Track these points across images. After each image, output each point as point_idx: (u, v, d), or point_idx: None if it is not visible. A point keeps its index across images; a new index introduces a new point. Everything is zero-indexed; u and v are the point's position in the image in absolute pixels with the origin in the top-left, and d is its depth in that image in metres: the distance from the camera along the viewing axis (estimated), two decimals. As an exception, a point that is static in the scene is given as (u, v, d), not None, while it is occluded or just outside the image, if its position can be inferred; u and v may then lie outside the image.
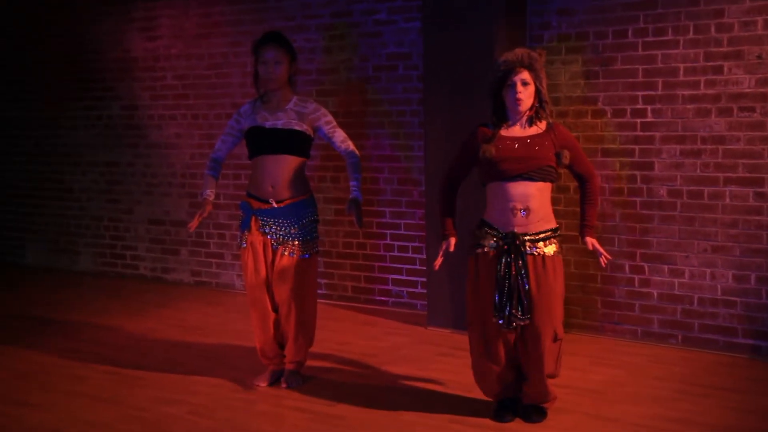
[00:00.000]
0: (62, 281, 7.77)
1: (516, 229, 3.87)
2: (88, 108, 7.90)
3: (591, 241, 4.01)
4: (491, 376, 4.02)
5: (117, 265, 7.91)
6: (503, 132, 3.91)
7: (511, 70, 3.82)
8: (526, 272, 3.84)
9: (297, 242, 4.49)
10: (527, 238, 3.87)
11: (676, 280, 5.28)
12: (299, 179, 4.52)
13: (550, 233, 3.92)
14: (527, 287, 3.84)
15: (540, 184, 3.87)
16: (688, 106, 5.15)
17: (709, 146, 5.11)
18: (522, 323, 3.87)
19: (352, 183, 4.50)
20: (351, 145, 4.57)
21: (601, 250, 3.98)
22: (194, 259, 7.44)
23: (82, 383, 4.79)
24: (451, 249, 4.06)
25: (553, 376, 4.07)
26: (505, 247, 3.85)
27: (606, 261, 3.97)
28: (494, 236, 3.91)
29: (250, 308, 4.62)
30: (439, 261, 4.06)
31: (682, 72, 5.15)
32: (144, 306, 6.69)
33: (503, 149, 3.86)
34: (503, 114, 3.93)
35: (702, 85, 5.11)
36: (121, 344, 5.59)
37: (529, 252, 3.86)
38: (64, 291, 7.34)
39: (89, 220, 8.05)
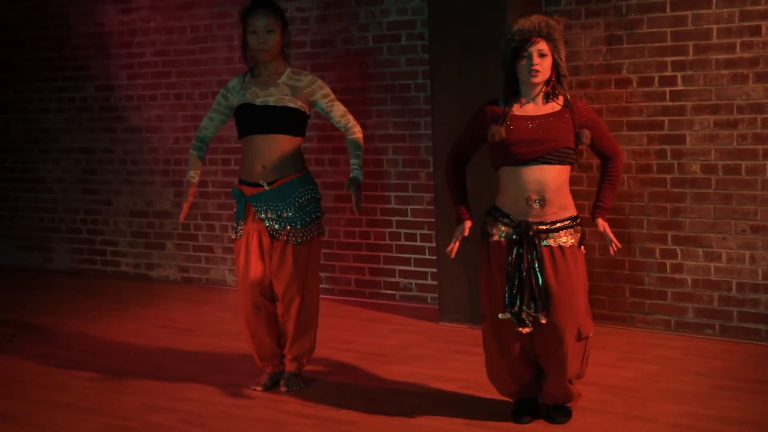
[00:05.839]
0: (35, 281, 7.76)
1: (530, 219, 3.90)
2: (59, 89, 7.89)
3: (603, 224, 4.02)
4: (505, 373, 4.07)
5: (96, 262, 7.92)
6: (515, 111, 3.91)
7: (526, 40, 3.81)
8: (540, 265, 3.86)
9: (296, 227, 4.51)
10: (543, 228, 3.89)
11: (712, 265, 5.28)
12: (293, 158, 4.53)
13: (569, 222, 3.93)
14: (541, 282, 3.85)
15: (558, 167, 3.87)
16: (723, 72, 5.14)
17: (746, 116, 5.11)
18: (534, 320, 3.88)
19: (352, 161, 4.49)
20: (351, 120, 4.57)
21: (612, 236, 4.00)
22: (181, 254, 7.45)
23: (61, 392, 4.80)
24: (466, 233, 4.05)
25: (578, 377, 4.08)
26: (516, 237, 3.88)
27: (615, 249, 3.99)
28: (505, 224, 3.93)
29: (242, 302, 4.62)
30: (454, 247, 4.05)
31: (715, 34, 5.15)
32: (127, 306, 6.68)
33: (516, 130, 3.86)
34: (516, 90, 3.93)
35: (738, 47, 5.09)
36: (103, 349, 5.59)
37: (545, 243, 3.88)
38: (38, 292, 7.33)
39: (63, 213, 8.04)
